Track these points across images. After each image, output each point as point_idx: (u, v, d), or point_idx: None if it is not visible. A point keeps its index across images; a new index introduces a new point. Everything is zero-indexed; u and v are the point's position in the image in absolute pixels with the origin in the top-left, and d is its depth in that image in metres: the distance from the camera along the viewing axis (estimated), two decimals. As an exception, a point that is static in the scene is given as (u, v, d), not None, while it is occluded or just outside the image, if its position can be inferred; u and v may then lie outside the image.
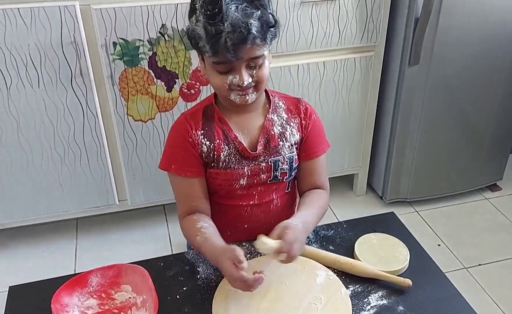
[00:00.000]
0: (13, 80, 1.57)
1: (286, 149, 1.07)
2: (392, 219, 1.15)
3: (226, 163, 1.05)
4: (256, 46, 0.93)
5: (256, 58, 0.95)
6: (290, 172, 1.09)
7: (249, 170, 1.05)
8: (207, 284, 0.95)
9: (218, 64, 0.95)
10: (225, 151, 1.04)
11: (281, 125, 1.07)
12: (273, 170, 1.07)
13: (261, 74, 0.97)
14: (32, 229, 1.98)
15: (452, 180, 2.16)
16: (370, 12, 1.80)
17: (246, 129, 1.06)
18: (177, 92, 1.73)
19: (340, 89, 1.92)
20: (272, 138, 1.06)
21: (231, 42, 0.89)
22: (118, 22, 1.56)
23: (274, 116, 1.07)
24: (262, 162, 1.06)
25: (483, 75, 1.95)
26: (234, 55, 0.91)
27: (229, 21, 0.88)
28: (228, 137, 1.05)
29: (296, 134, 1.08)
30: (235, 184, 1.06)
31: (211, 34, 0.90)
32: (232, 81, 0.95)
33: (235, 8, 0.89)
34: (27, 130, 1.66)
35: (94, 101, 1.67)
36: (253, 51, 0.93)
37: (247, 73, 0.95)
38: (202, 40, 0.92)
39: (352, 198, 2.23)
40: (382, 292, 0.94)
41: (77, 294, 0.92)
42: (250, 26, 0.89)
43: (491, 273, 1.83)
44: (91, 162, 1.77)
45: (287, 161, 1.07)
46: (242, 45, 0.90)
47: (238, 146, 1.05)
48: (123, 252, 1.91)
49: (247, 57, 0.93)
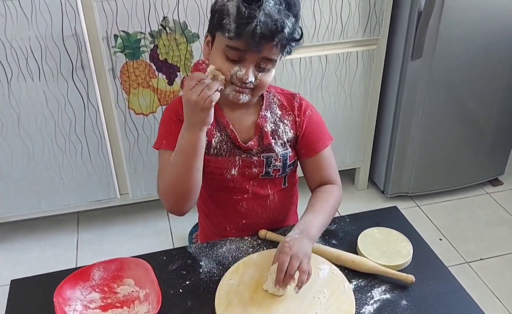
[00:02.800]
0: (14, 73, 1.56)
1: (279, 147, 1.06)
2: (395, 214, 1.15)
3: (217, 150, 1.04)
4: (275, 49, 0.92)
5: (269, 60, 0.94)
6: (283, 169, 1.08)
7: (240, 160, 1.05)
8: (210, 278, 0.95)
9: (231, 49, 0.93)
10: (217, 137, 1.03)
11: (274, 122, 1.06)
12: (266, 166, 1.06)
13: (265, 80, 0.96)
14: (34, 223, 1.98)
15: (454, 174, 2.16)
16: (373, 5, 1.79)
17: (239, 124, 1.05)
18: (179, 85, 1.72)
19: (342, 82, 1.91)
20: (265, 135, 1.05)
21: (261, 31, 0.88)
22: (119, 14, 1.55)
23: (267, 113, 1.06)
24: (254, 156, 1.05)
25: (486, 70, 1.94)
26: (256, 44, 0.89)
27: (266, 11, 0.88)
28: (220, 124, 1.04)
29: (290, 131, 1.07)
30: (227, 173, 1.05)
31: (243, 15, 0.88)
32: (236, 73, 0.94)
33: (273, 4, 0.89)
34: (28, 123, 1.65)
35: (95, 94, 1.66)
36: (271, 52, 0.93)
37: (253, 71, 0.94)
38: (229, 18, 0.90)
39: (354, 192, 2.23)
40: (385, 286, 0.93)
41: (79, 287, 0.91)
42: (284, 25, 0.89)
43: (492, 268, 1.83)
44: (92, 156, 1.76)
45: (280, 158, 1.06)
46: (269, 39, 0.90)
47: (230, 134, 1.04)
48: (124, 246, 1.91)
49: (264, 55, 0.92)
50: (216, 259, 0.99)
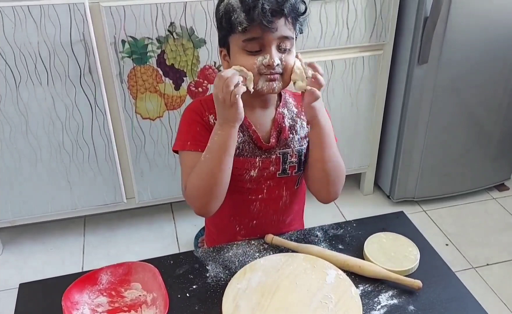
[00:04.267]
0: (22, 78, 1.58)
1: (296, 142, 1.08)
2: (402, 219, 1.15)
3: (240, 150, 1.04)
4: (288, 24, 0.95)
5: (287, 39, 0.96)
6: (299, 166, 1.09)
7: (260, 161, 1.05)
8: (217, 282, 0.95)
9: (249, 41, 0.94)
10: (240, 138, 1.04)
11: (292, 118, 1.08)
12: (282, 163, 1.07)
13: (289, 60, 0.98)
14: (40, 227, 1.99)
15: (460, 179, 2.15)
16: (379, 10, 1.80)
17: (259, 123, 1.06)
18: (185, 90, 1.73)
19: (348, 87, 1.91)
20: (283, 130, 1.07)
21: (269, 7, 0.90)
22: (127, 20, 1.56)
23: (284, 110, 1.08)
24: (272, 154, 1.06)
25: (492, 75, 1.93)
26: (270, 21, 0.91)
27: None
28: (243, 124, 1.04)
29: (307, 126, 1.09)
30: (246, 174, 1.06)
31: (248, 2, 0.91)
32: (262, 62, 0.95)
33: None
34: (35, 127, 1.66)
35: (102, 98, 1.67)
36: (285, 29, 0.95)
37: (277, 54, 0.96)
38: (236, 12, 0.93)
39: (360, 197, 2.23)
40: (393, 292, 0.93)
41: (87, 291, 0.92)
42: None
43: (499, 273, 1.82)
44: (99, 160, 1.77)
45: (296, 154, 1.07)
46: (278, 15, 0.92)
47: (253, 135, 1.05)
48: (130, 249, 1.92)
49: (279, 34, 0.94)
50: (223, 264, 1.00)
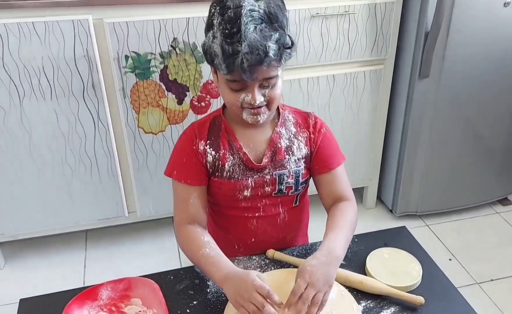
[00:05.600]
0: (26, 92, 1.59)
1: (292, 163, 1.07)
2: (404, 234, 1.14)
3: (230, 173, 1.04)
4: (271, 67, 0.93)
5: (270, 79, 0.95)
6: (296, 186, 1.08)
7: (253, 181, 1.05)
8: (217, 298, 0.95)
9: (231, 82, 0.95)
10: (230, 161, 1.04)
11: (289, 139, 1.07)
12: (278, 183, 1.06)
13: (273, 94, 0.97)
14: (42, 241, 1.98)
15: (463, 193, 2.14)
16: (380, 25, 1.81)
17: (253, 143, 1.06)
18: (188, 105, 1.74)
19: (350, 102, 1.91)
20: (278, 151, 1.06)
21: (248, 63, 0.89)
22: (130, 35, 1.58)
23: (282, 130, 1.07)
24: (267, 174, 1.06)
25: (493, 89, 1.94)
26: (249, 76, 0.91)
27: (247, 42, 0.88)
28: (233, 148, 1.05)
29: (304, 148, 1.08)
30: (239, 195, 1.06)
31: (228, 54, 0.90)
32: (245, 99, 0.96)
33: (254, 29, 0.88)
34: (38, 142, 1.67)
35: (105, 113, 1.68)
36: (268, 72, 0.93)
37: (259, 92, 0.95)
38: (218, 58, 0.92)
39: (362, 211, 2.22)
40: (395, 308, 0.92)
41: (87, 307, 0.91)
42: (267, 49, 0.89)
43: (503, 289, 1.80)
44: (102, 174, 1.78)
45: (292, 175, 1.06)
46: (258, 66, 0.90)
47: (243, 157, 1.05)
48: (131, 264, 1.91)
49: (261, 77, 0.94)
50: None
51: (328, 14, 1.73)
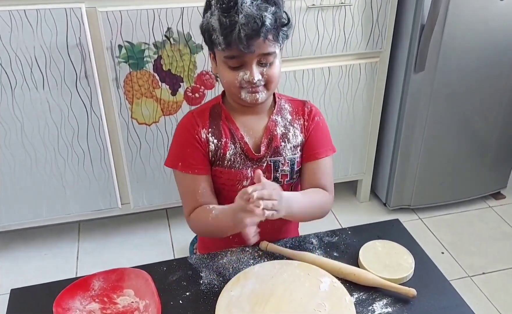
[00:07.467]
0: (18, 82, 1.57)
1: (288, 150, 1.07)
2: (397, 227, 1.14)
3: (231, 162, 1.05)
4: (268, 41, 0.94)
5: (267, 55, 0.96)
6: (291, 175, 1.08)
7: (252, 172, 1.05)
8: (210, 290, 0.95)
9: (230, 59, 0.96)
10: (231, 150, 1.05)
11: (284, 126, 1.08)
12: (273, 171, 1.07)
13: (272, 73, 0.98)
14: (34, 232, 1.97)
15: (456, 187, 2.15)
16: (375, 18, 1.80)
17: (252, 130, 1.06)
18: (182, 96, 1.73)
19: (345, 95, 1.91)
20: (274, 138, 1.06)
21: (244, 33, 0.91)
22: (124, 25, 1.56)
23: (278, 117, 1.08)
24: (263, 163, 1.06)
25: (488, 83, 1.94)
26: (246, 47, 0.92)
27: (244, 13, 0.90)
28: (234, 136, 1.05)
29: (299, 135, 1.08)
30: (238, 185, 1.06)
31: (225, 26, 0.92)
32: (243, 78, 0.97)
33: (250, 3, 0.91)
34: (31, 132, 1.65)
35: (98, 103, 1.66)
36: (265, 47, 0.95)
37: (258, 69, 0.97)
38: (215, 32, 0.94)
39: (356, 204, 2.22)
40: (387, 300, 0.93)
41: (79, 297, 0.91)
42: (264, 19, 0.91)
43: (495, 282, 1.81)
44: (95, 165, 1.76)
45: (288, 162, 1.07)
46: (255, 37, 0.92)
47: (244, 146, 1.05)
48: (125, 256, 1.91)
49: (259, 52, 0.95)
50: (217, 270, 0.99)
51: (324, 5, 1.72)
